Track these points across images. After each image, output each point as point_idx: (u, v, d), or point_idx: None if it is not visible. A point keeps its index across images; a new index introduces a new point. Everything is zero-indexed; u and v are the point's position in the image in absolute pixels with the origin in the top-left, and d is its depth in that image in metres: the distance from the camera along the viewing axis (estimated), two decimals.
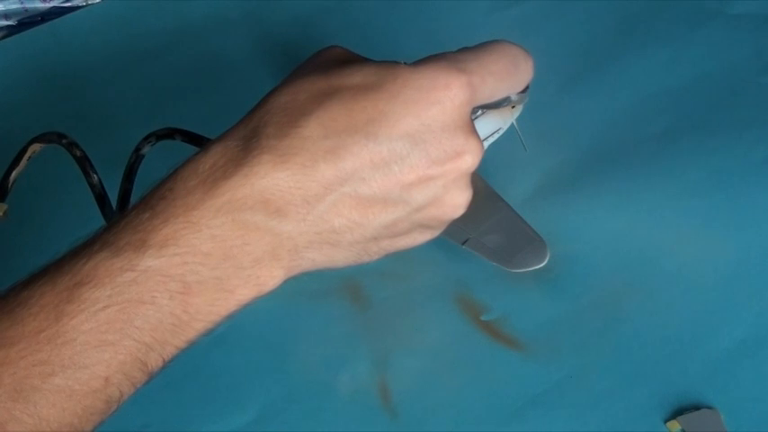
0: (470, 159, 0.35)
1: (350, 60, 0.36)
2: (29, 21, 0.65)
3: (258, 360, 0.48)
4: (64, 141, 0.40)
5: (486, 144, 0.49)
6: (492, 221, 0.47)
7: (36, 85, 0.60)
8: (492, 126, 0.49)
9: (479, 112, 0.48)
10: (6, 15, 0.64)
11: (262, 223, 0.32)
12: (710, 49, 0.59)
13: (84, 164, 0.40)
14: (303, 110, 0.33)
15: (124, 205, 0.40)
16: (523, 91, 0.42)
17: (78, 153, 0.40)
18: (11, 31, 0.65)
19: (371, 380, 0.47)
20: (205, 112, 0.58)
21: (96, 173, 0.40)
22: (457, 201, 0.36)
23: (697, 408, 0.44)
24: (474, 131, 0.35)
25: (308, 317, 0.49)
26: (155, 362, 0.32)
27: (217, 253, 0.31)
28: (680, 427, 0.44)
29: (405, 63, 0.34)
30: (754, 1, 0.60)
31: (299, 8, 0.62)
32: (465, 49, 0.37)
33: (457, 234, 0.46)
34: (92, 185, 0.40)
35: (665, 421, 0.44)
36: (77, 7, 0.64)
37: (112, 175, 0.55)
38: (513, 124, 0.50)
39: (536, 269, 0.46)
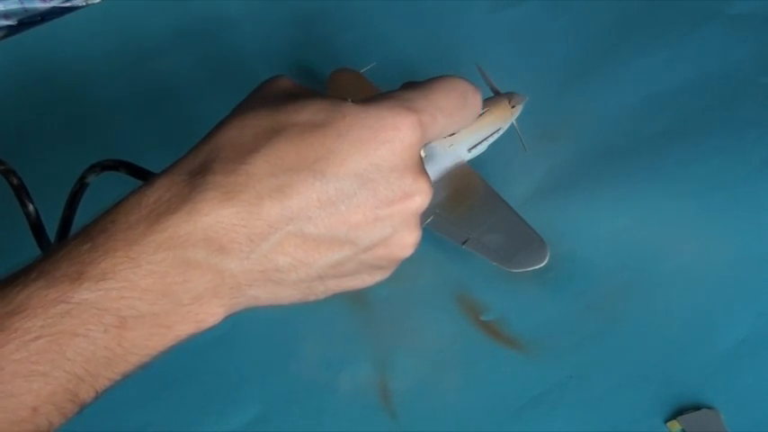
0: (419, 200, 0.35)
1: (297, 95, 0.35)
2: (29, 21, 0.65)
3: (258, 360, 0.48)
4: (1, 168, 0.40)
5: (486, 144, 0.49)
6: (492, 221, 0.47)
7: (36, 85, 0.60)
8: (492, 126, 0.49)
9: (480, 112, 0.48)
10: (6, 15, 0.64)
11: (204, 261, 0.31)
12: (710, 49, 0.59)
13: (21, 193, 0.39)
14: (250, 146, 0.32)
15: (64, 234, 0.39)
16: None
17: (15, 181, 0.39)
18: (11, 31, 0.65)
19: (371, 380, 0.47)
20: (205, 112, 0.58)
21: (32, 202, 0.39)
22: (406, 241, 0.36)
23: (697, 408, 0.44)
24: (423, 172, 0.35)
25: (308, 317, 0.49)
26: (86, 393, 0.31)
27: (156, 288, 0.31)
28: (680, 427, 0.44)
29: (351, 101, 0.34)
30: (754, 1, 0.60)
31: (299, 8, 0.63)
32: (412, 86, 0.37)
33: (457, 234, 0.46)
34: (27, 215, 0.39)
35: (666, 421, 0.44)
36: (77, 7, 0.64)
37: (111, 179, 0.56)
38: (513, 124, 0.50)
39: (536, 269, 0.46)
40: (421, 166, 0.35)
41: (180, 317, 0.32)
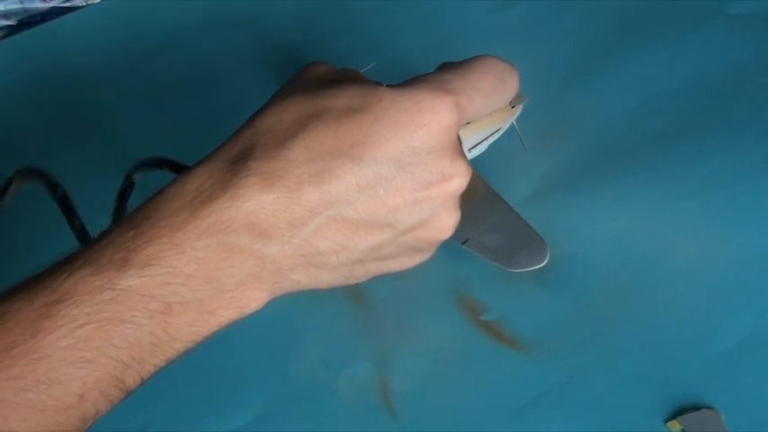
0: (457, 182, 0.35)
1: (334, 80, 0.35)
2: (29, 21, 0.65)
3: (258, 360, 0.48)
4: (45, 181, 0.40)
5: (486, 144, 0.49)
6: (492, 221, 0.47)
7: (36, 86, 0.60)
8: (492, 126, 0.49)
9: None
10: (6, 15, 0.64)
11: (246, 246, 0.32)
12: (710, 49, 0.59)
13: (65, 206, 0.40)
14: (289, 132, 0.32)
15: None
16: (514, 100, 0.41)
17: (59, 194, 0.40)
18: (11, 31, 0.65)
19: (371, 380, 0.47)
20: (205, 112, 0.58)
21: (77, 215, 0.40)
22: (444, 223, 0.36)
23: (697, 408, 0.44)
24: (461, 153, 0.35)
25: (308, 317, 0.49)
26: (132, 380, 0.31)
27: (199, 274, 0.31)
28: (680, 427, 0.44)
29: (386, 85, 0.34)
30: (754, 1, 0.60)
31: (299, 8, 0.62)
32: (449, 67, 0.37)
33: (457, 234, 0.46)
34: (73, 227, 0.40)
35: (666, 421, 0.44)
36: (77, 7, 0.64)
37: (111, 179, 0.56)
38: (513, 124, 0.50)
39: (536, 269, 0.46)
40: (458, 148, 0.35)
41: (224, 302, 0.32)
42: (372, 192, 0.33)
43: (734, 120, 0.55)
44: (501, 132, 0.50)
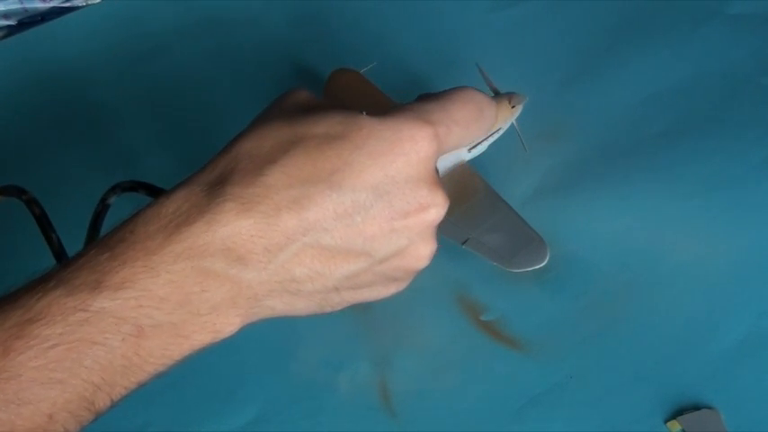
0: (435, 212, 0.35)
1: (314, 107, 0.35)
2: (29, 21, 0.65)
3: (258, 360, 0.48)
4: (24, 198, 0.40)
5: (486, 144, 0.49)
6: (492, 221, 0.47)
7: (36, 86, 0.60)
8: (492, 126, 0.49)
9: None
10: (6, 15, 0.64)
11: (222, 271, 0.31)
12: (710, 49, 0.59)
13: (43, 222, 0.39)
14: (268, 157, 0.32)
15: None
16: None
17: (37, 211, 0.40)
18: (11, 31, 0.65)
19: (371, 380, 0.47)
20: (205, 113, 0.58)
21: (55, 231, 0.39)
22: (421, 252, 0.36)
23: (697, 408, 0.44)
24: (439, 183, 0.35)
25: (308, 317, 0.49)
26: (102, 402, 0.31)
27: (173, 298, 0.31)
28: (680, 427, 0.44)
29: (366, 113, 0.34)
30: (754, 1, 0.60)
31: (299, 8, 0.63)
32: (428, 98, 0.37)
33: (457, 234, 0.46)
34: (50, 244, 0.39)
35: (666, 421, 0.44)
36: (77, 7, 0.64)
37: (111, 179, 0.55)
38: (513, 124, 0.50)
39: (536, 269, 0.46)
40: (436, 178, 0.35)
41: (197, 326, 0.32)
42: (350, 220, 0.33)
43: (734, 120, 0.55)
44: (501, 132, 0.50)
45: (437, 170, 0.35)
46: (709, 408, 0.44)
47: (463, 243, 0.46)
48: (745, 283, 0.48)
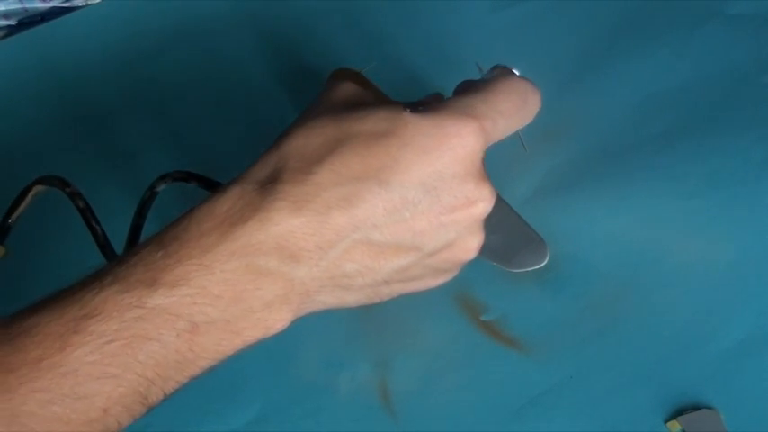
0: (482, 206, 0.35)
1: (360, 102, 0.36)
2: (29, 21, 0.65)
3: (258, 360, 0.48)
4: (67, 190, 0.40)
5: None
6: (492, 221, 0.46)
7: (36, 86, 0.60)
8: None
9: None
10: (6, 15, 0.64)
11: (275, 268, 0.32)
12: (710, 49, 0.59)
13: (87, 215, 0.40)
14: (316, 156, 0.33)
15: (134, 240, 0.40)
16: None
17: (81, 204, 0.40)
18: (11, 31, 0.65)
19: (371, 380, 0.47)
20: (205, 112, 0.58)
21: (99, 224, 0.40)
22: (469, 245, 0.37)
23: (697, 408, 0.44)
24: (486, 177, 0.36)
25: (309, 317, 0.49)
26: (155, 396, 0.32)
27: (227, 295, 0.32)
28: (680, 427, 0.44)
29: (409, 109, 0.34)
30: (754, 1, 0.60)
31: (299, 8, 0.62)
32: (471, 89, 0.37)
33: None
34: (95, 236, 0.40)
35: (666, 421, 0.44)
36: (77, 7, 0.64)
37: (110, 180, 0.56)
38: None
39: (536, 269, 0.46)
40: (483, 172, 0.35)
41: (250, 323, 0.33)
42: (399, 215, 0.33)
43: (734, 120, 0.55)
44: None
45: (484, 164, 0.35)
46: (709, 408, 0.44)
47: None
48: (745, 283, 0.48)
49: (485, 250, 0.46)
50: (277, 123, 0.57)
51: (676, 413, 0.44)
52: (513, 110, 0.37)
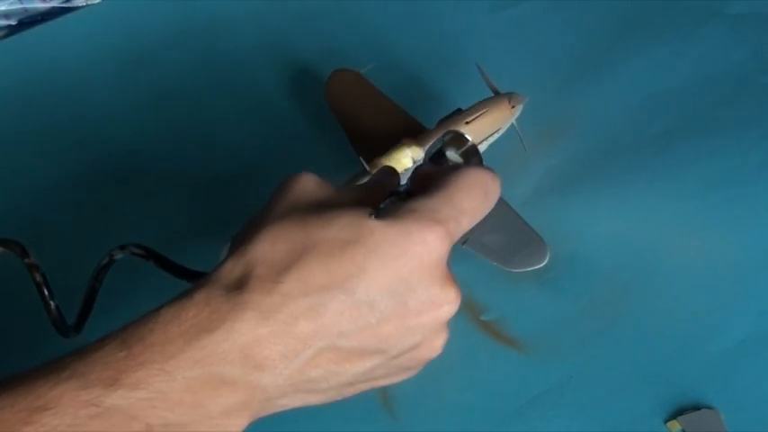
0: (448, 309, 0.35)
1: (323, 203, 0.36)
2: (29, 21, 0.65)
3: None
4: (26, 261, 0.40)
5: (486, 144, 0.49)
6: (492, 221, 0.46)
7: (36, 86, 0.60)
8: (492, 126, 0.49)
9: (480, 112, 0.48)
10: (6, 15, 0.64)
11: (238, 377, 0.32)
12: (710, 49, 0.59)
13: (42, 290, 0.40)
14: (283, 264, 0.33)
15: (89, 304, 0.40)
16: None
17: (38, 278, 0.40)
18: (11, 30, 0.65)
19: None
20: (205, 112, 0.58)
21: (54, 299, 0.40)
22: (434, 344, 0.37)
23: (697, 408, 0.44)
24: (451, 279, 0.35)
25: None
26: None
27: (187, 401, 0.31)
28: (680, 427, 0.44)
29: (374, 216, 0.34)
30: (754, 1, 0.60)
31: (299, 8, 0.62)
32: (433, 185, 0.36)
33: None
34: (48, 311, 0.40)
35: (666, 421, 0.44)
36: (77, 7, 0.64)
37: (110, 180, 0.56)
38: (513, 124, 0.50)
39: (536, 269, 0.46)
40: (449, 275, 0.35)
41: (206, 427, 0.32)
42: (365, 322, 0.33)
43: (734, 120, 0.55)
44: (501, 132, 0.50)
45: (449, 266, 0.36)
46: (709, 408, 0.44)
47: (463, 243, 0.46)
48: (745, 283, 0.48)
49: (485, 250, 0.46)
50: (277, 123, 0.58)
51: (676, 413, 0.44)
52: (476, 206, 0.37)
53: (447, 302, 0.35)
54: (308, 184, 0.37)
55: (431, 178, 0.37)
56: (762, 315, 0.47)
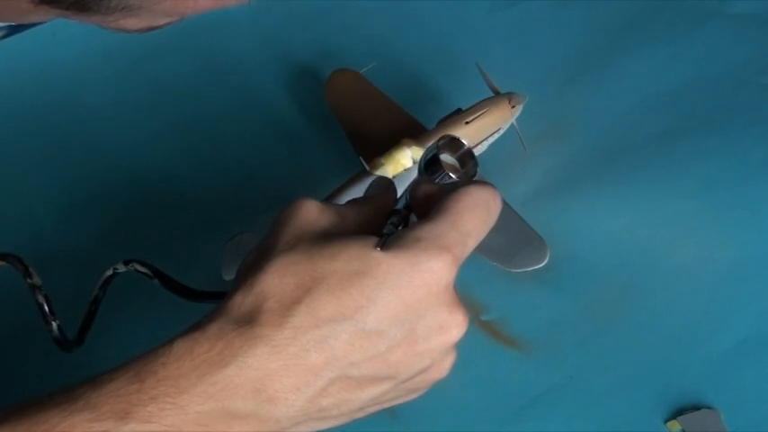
0: (456, 332, 0.35)
1: (327, 232, 0.36)
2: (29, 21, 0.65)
3: None
4: (29, 282, 0.40)
5: (486, 144, 0.49)
6: None
7: (35, 85, 0.60)
8: (492, 126, 0.49)
9: (480, 112, 0.48)
10: None
11: (251, 411, 0.32)
12: (710, 49, 0.59)
13: (44, 311, 0.40)
14: (293, 297, 0.33)
15: (90, 317, 0.40)
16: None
17: (40, 299, 0.40)
18: (11, 30, 0.65)
19: None
20: (205, 113, 0.58)
21: (56, 319, 0.40)
22: (444, 366, 0.37)
23: (697, 408, 0.44)
24: (458, 303, 0.36)
25: None
26: None
27: None
28: (680, 427, 0.44)
29: (379, 248, 0.34)
30: (754, 1, 0.60)
31: (299, 8, 0.62)
32: (435, 209, 0.36)
33: None
34: (50, 331, 0.40)
35: (666, 421, 0.44)
36: None
37: (109, 180, 0.55)
38: (513, 124, 0.50)
39: (536, 269, 0.46)
40: (456, 298, 0.36)
41: None
42: (375, 351, 0.34)
43: (734, 120, 0.55)
44: (501, 132, 0.50)
45: (456, 291, 0.36)
46: (710, 408, 0.44)
47: None
48: (745, 283, 0.48)
49: (485, 250, 0.46)
50: (277, 123, 0.57)
51: (676, 413, 0.44)
52: (480, 226, 0.37)
53: (455, 326, 0.35)
54: (312, 212, 0.37)
55: (431, 198, 0.37)
56: (762, 315, 0.47)
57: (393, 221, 0.36)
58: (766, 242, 0.50)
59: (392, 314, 0.34)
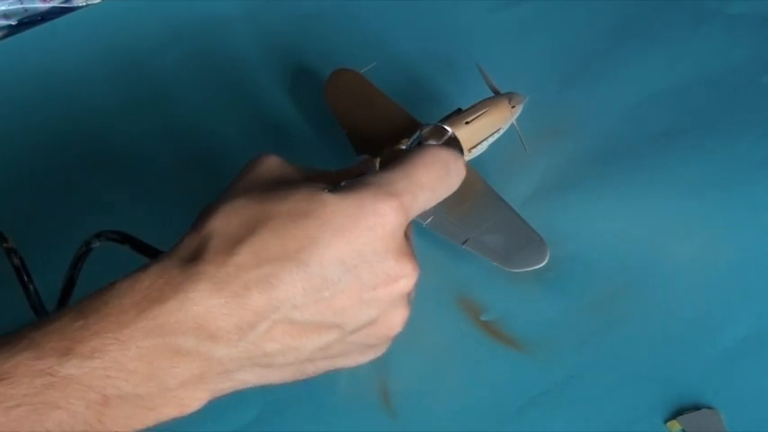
0: (404, 282, 0.35)
1: (282, 180, 0.36)
2: (29, 21, 0.65)
3: None
4: (4, 245, 0.40)
5: (486, 144, 0.49)
6: (492, 221, 0.47)
7: (35, 85, 0.60)
8: (492, 126, 0.49)
9: (480, 112, 0.48)
10: (6, 15, 0.64)
11: (192, 348, 0.32)
12: (710, 49, 0.59)
13: (21, 273, 0.40)
14: (237, 236, 0.33)
15: (67, 294, 0.40)
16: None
17: (16, 261, 0.40)
18: (11, 31, 0.65)
19: (371, 380, 0.47)
20: (205, 112, 0.58)
21: (33, 282, 0.40)
22: (393, 321, 0.37)
23: (697, 408, 0.44)
24: (407, 253, 0.36)
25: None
26: None
27: (142, 371, 0.32)
28: (680, 427, 0.44)
29: (328, 190, 0.34)
30: (754, 1, 0.60)
31: (299, 8, 0.63)
32: (393, 164, 0.37)
33: (457, 234, 0.46)
34: (28, 295, 0.40)
35: (666, 421, 0.44)
36: (77, 7, 0.64)
37: (108, 180, 0.56)
38: (513, 124, 0.50)
39: (536, 269, 0.46)
40: (405, 248, 0.35)
41: (164, 400, 0.33)
42: (319, 295, 0.34)
43: (734, 120, 0.55)
44: (501, 132, 0.50)
45: (407, 239, 0.36)
46: (709, 408, 0.44)
47: (463, 243, 0.46)
48: (745, 283, 0.48)
49: (485, 250, 0.46)
50: (277, 124, 0.58)
51: (676, 413, 0.44)
52: (434, 182, 0.37)
53: (403, 276, 0.35)
54: (272, 164, 0.37)
55: (396, 158, 0.37)
56: (762, 315, 0.47)
57: (357, 169, 0.36)
58: (766, 242, 0.50)
59: (336, 257, 0.33)
